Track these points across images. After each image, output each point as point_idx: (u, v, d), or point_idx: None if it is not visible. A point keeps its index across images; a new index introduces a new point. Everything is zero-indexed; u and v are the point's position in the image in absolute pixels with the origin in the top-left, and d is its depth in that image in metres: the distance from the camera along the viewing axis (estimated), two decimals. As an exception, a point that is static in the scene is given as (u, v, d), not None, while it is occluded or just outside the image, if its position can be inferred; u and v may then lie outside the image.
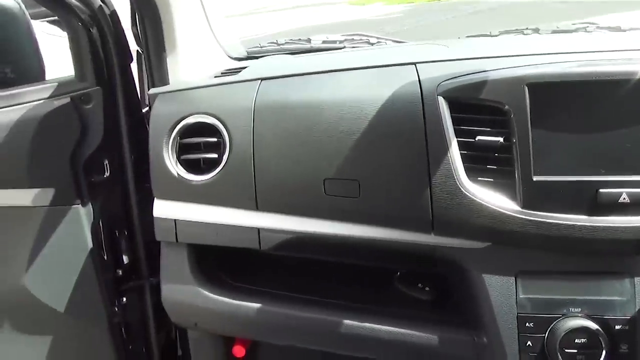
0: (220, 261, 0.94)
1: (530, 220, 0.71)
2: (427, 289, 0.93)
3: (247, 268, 0.97)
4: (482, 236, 0.75)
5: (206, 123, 0.84)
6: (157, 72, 0.95)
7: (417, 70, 0.79)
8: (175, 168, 0.85)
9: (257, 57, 1.10)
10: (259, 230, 0.83)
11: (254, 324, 0.87)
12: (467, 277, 0.78)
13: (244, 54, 1.13)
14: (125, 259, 1.05)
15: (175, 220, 0.86)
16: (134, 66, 1.04)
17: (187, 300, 0.89)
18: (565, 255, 0.74)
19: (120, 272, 1.04)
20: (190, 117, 0.85)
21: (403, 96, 0.77)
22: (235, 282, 0.93)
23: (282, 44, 1.17)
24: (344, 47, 1.11)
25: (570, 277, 0.75)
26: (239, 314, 0.87)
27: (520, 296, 0.75)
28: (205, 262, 0.91)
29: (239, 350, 1.05)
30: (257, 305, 0.86)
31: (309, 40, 1.17)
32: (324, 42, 1.15)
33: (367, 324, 0.82)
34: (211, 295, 0.88)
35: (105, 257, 1.01)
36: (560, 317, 0.74)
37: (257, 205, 0.82)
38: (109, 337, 1.03)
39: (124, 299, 1.06)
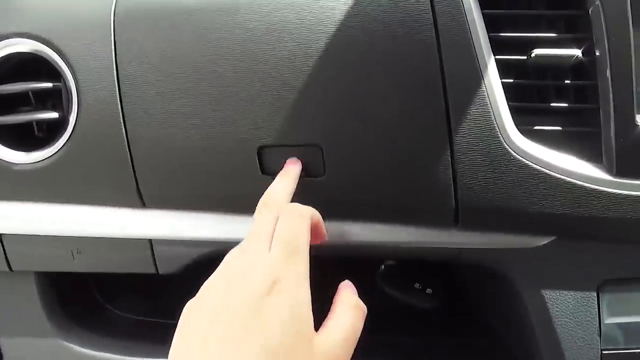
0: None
1: (629, 197, 0.40)
2: (428, 290, 0.63)
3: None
4: (543, 226, 0.43)
5: (31, 55, 0.45)
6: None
7: None
8: (-18, 142, 0.46)
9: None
10: (151, 242, 0.48)
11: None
12: (513, 294, 0.47)
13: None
14: None
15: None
16: None
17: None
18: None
19: None
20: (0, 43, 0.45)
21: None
22: (132, 312, 0.58)
23: None
24: None
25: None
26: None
27: (606, 321, 0.45)
28: (73, 291, 0.55)
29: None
30: None
31: None
32: None
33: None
34: (90, 352, 0.52)
35: None
36: (674, 354, 0.45)
37: (141, 199, 0.46)
38: None
39: None
